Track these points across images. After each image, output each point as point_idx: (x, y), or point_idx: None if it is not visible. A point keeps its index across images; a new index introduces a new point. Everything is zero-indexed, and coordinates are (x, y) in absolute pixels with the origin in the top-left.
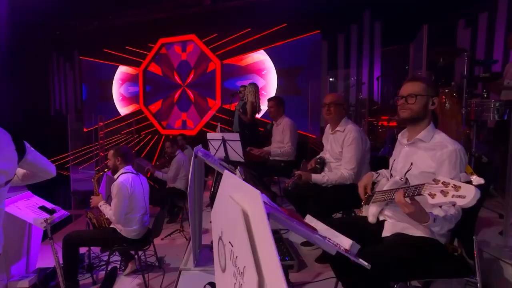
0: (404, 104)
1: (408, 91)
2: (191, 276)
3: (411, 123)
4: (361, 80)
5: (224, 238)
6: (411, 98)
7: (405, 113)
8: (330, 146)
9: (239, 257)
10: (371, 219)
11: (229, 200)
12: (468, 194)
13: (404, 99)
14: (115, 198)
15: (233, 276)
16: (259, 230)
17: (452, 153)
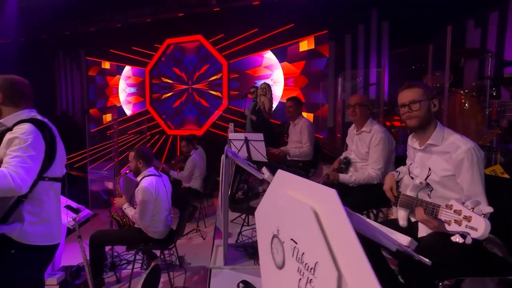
0: (409, 113)
1: (409, 98)
2: (222, 274)
3: (420, 130)
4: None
5: (282, 235)
6: (414, 105)
7: (413, 122)
8: (356, 146)
9: (307, 254)
10: (402, 223)
11: (288, 198)
12: (479, 227)
13: (407, 108)
14: (140, 204)
15: (298, 272)
16: (335, 227)
17: (467, 152)
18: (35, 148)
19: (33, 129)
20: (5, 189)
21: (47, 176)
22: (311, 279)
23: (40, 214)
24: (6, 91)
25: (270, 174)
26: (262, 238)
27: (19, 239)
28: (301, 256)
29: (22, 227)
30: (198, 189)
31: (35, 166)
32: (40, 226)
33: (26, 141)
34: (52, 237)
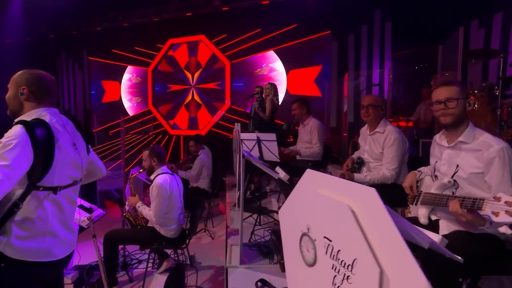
0: (445, 110)
1: (445, 95)
2: (239, 273)
3: (452, 127)
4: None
5: (314, 233)
6: (450, 102)
7: (448, 119)
8: (369, 146)
9: (343, 251)
10: (422, 221)
11: (321, 197)
12: None
13: (443, 104)
14: (155, 200)
15: (332, 269)
16: (375, 225)
17: (500, 151)
18: (14, 156)
19: (21, 132)
20: None
21: (42, 185)
22: (348, 275)
23: (32, 228)
24: (33, 86)
25: (286, 173)
26: (288, 236)
27: (6, 252)
28: (336, 253)
29: (8, 241)
30: (206, 189)
31: (8, 180)
32: (32, 240)
33: (6, 146)
34: (48, 253)
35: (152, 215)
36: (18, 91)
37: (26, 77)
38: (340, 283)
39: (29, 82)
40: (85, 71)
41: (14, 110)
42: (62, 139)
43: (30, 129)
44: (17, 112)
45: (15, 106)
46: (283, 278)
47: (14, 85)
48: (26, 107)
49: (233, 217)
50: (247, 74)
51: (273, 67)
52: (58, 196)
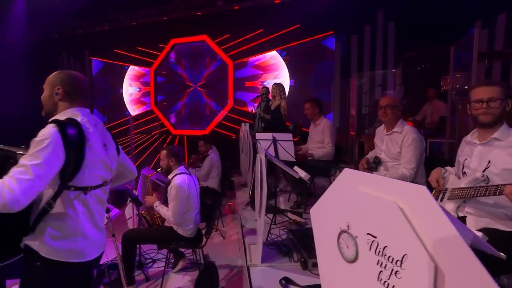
0: (487, 109)
1: (488, 95)
2: (261, 271)
3: (489, 126)
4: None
5: (355, 230)
6: (493, 102)
7: (488, 118)
8: (386, 146)
9: (391, 247)
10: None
11: (363, 195)
12: None
13: (485, 104)
14: (173, 200)
15: (378, 264)
16: (426, 221)
17: None
18: (47, 155)
19: (53, 131)
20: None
21: (72, 185)
22: (397, 271)
23: (63, 228)
24: (67, 86)
25: (307, 173)
26: (322, 234)
27: (41, 252)
28: (382, 249)
29: (43, 240)
30: (216, 188)
31: (40, 179)
32: (64, 241)
33: (39, 145)
34: (79, 254)
35: (170, 215)
36: (53, 91)
37: (61, 78)
38: (387, 278)
39: (64, 82)
40: (86, 70)
41: (49, 110)
42: (92, 139)
43: (62, 128)
44: (52, 112)
45: (50, 106)
46: (304, 276)
47: (49, 85)
48: (60, 107)
49: (246, 217)
50: (250, 74)
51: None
52: (88, 197)
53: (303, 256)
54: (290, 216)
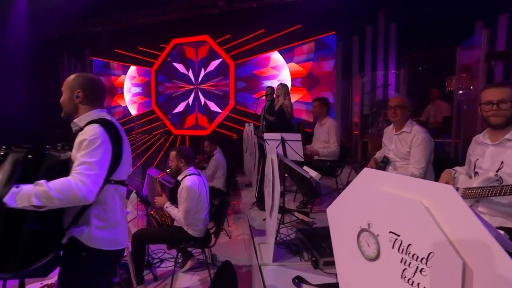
0: (497, 111)
1: (498, 97)
2: (272, 270)
3: (500, 127)
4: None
5: (376, 229)
6: (503, 104)
7: (499, 120)
8: (395, 146)
9: (415, 245)
10: None
11: (385, 194)
12: None
13: (495, 106)
14: (184, 202)
15: (401, 262)
16: (453, 219)
17: None
18: (102, 152)
19: (101, 130)
20: (71, 200)
21: (113, 179)
22: (422, 268)
23: (106, 218)
24: (87, 90)
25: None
26: (340, 232)
27: (87, 242)
28: (406, 247)
29: (90, 231)
30: (221, 188)
31: (101, 172)
32: (107, 231)
33: (93, 144)
34: (118, 242)
35: (181, 217)
36: (73, 94)
37: (80, 81)
38: (411, 276)
39: (83, 85)
40: (87, 71)
41: (69, 113)
42: (123, 137)
43: (107, 127)
44: (72, 114)
45: (70, 108)
46: (316, 275)
47: (68, 89)
48: (80, 110)
49: (254, 216)
50: (251, 74)
51: (277, 67)
52: (122, 189)
53: (314, 255)
54: (297, 215)
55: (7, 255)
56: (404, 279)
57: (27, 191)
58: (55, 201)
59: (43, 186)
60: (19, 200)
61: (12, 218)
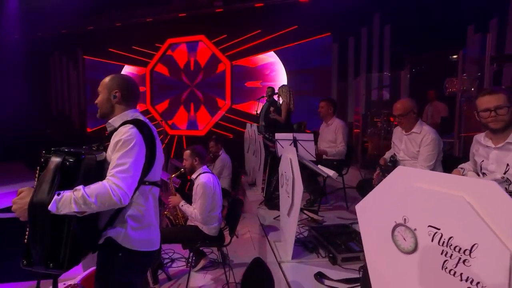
0: (496, 117)
1: (494, 103)
2: (292, 267)
3: (501, 131)
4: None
5: (413, 223)
6: (501, 109)
7: (499, 125)
8: (405, 145)
9: (457, 237)
10: None
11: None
12: None
13: (493, 112)
14: (200, 199)
15: (442, 254)
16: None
17: None
18: (136, 153)
19: (135, 131)
20: (108, 204)
21: (147, 180)
22: (465, 259)
23: (141, 219)
24: (124, 90)
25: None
26: (372, 228)
27: (123, 243)
28: (447, 240)
29: (126, 232)
30: (227, 188)
31: (136, 174)
32: (142, 231)
33: (128, 145)
34: (152, 243)
35: (197, 213)
36: (110, 94)
37: (117, 82)
38: (453, 267)
39: (121, 85)
40: (79, 70)
41: (106, 113)
42: (156, 138)
43: (141, 128)
44: (108, 114)
45: (107, 109)
46: (335, 270)
47: (106, 89)
48: (117, 110)
49: (264, 215)
50: (247, 74)
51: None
52: (155, 190)
53: (331, 252)
54: (308, 214)
55: (58, 254)
56: (445, 270)
57: (67, 198)
58: (93, 206)
59: (81, 192)
60: (61, 207)
61: (58, 221)
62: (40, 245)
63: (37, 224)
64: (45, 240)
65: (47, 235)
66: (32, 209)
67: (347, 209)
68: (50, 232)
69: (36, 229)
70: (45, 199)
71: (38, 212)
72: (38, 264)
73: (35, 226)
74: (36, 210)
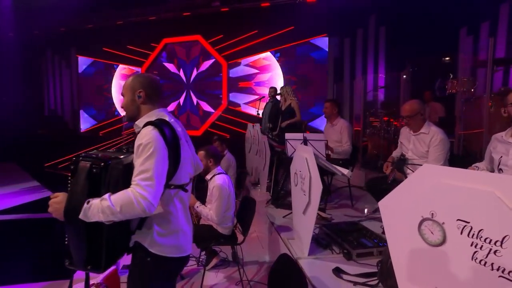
0: None
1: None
2: (309, 263)
3: None
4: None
5: (441, 217)
6: None
7: None
8: (413, 145)
9: (488, 230)
10: None
11: (450, 186)
12: None
13: None
14: (217, 200)
15: (472, 246)
16: None
17: None
18: (157, 158)
19: (155, 134)
20: (133, 214)
21: (172, 183)
22: (496, 250)
23: (168, 225)
24: (148, 89)
25: (349, 170)
26: (397, 223)
27: (151, 248)
28: (476, 232)
29: (152, 237)
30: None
31: (160, 181)
32: (169, 237)
33: (148, 149)
34: (181, 249)
35: (213, 215)
36: (135, 95)
37: (140, 81)
38: (483, 257)
39: (144, 84)
40: (72, 69)
41: (133, 115)
42: (182, 137)
43: (161, 130)
44: (135, 116)
45: (133, 111)
46: (350, 265)
47: (130, 90)
48: (143, 110)
49: (272, 214)
50: (244, 74)
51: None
52: (183, 193)
53: (346, 248)
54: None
55: (95, 257)
56: (475, 261)
57: (95, 208)
58: (119, 215)
59: (107, 202)
60: (91, 216)
61: (92, 226)
62: (78, 248)
63: (73, 230)
64: (82, 244)
65: (83, 240)
66: (67, 216)
67: (352, 206)
68: (86, 237)
69: (73, 234)
70: (77, 207)
71: (72, 219)
72: (78, 264)
73: (71, 231)
74: (70, 217)
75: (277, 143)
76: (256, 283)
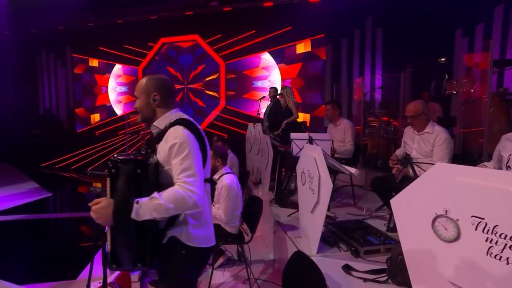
0: None
1: None
2: (319, 261)
3: None
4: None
5: (455, 214)
6: None
7: None
8: (418, 145)
9: (503, 226)
10: None
11: (464, 184)
12: None
13: None
14: (225, 200)
15: (487, 241)
16: None
17: None
18: (194, 154)
19: (187, 132)
20: (184, 209)
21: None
22: (511, 245)
23: (200, 216)
24: (162, 91)
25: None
26: (410, 220)
27: (186, 241)
28: (491, 228)
29: (188, 230)
30: None
31: (201, 176)
32: (201, 228)
33: (185, 148)
34: (211, 239)
35: (222, 215)
36: (149, 98)
37: (154, 84)
38: (498, 252)
39: (158, 87)
40: (68, 68)
41: (148, 117)
42: (204, 135)
43: (190, 128)
44: (151, 118)
45: (148, 113)
46: (359, 262)
47: (143, 93)
48: (158, 113)
49: (277, 213)
50: (242, 74)
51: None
52: (208, 187)
53: (353, 246)
54: None
55: (144, 255)
56: (490, 255)
57: (147, 207)
58: (172, 211)
59: (159, 200)
60: (142, 214)
61: (140, 226)
62: (127, 249)
63: (124, 231)
64: (133, 244)
65: (134, 240)
66: (118, 218)
67: (354, 205)
68: (136, 236)
69: (125, 236)
70: (127, 208)
71: (124, 221)
72: (127, 265)
73: (121, 233)
74: (121, 219)
75: (279, 143)
76: (263, 281)
